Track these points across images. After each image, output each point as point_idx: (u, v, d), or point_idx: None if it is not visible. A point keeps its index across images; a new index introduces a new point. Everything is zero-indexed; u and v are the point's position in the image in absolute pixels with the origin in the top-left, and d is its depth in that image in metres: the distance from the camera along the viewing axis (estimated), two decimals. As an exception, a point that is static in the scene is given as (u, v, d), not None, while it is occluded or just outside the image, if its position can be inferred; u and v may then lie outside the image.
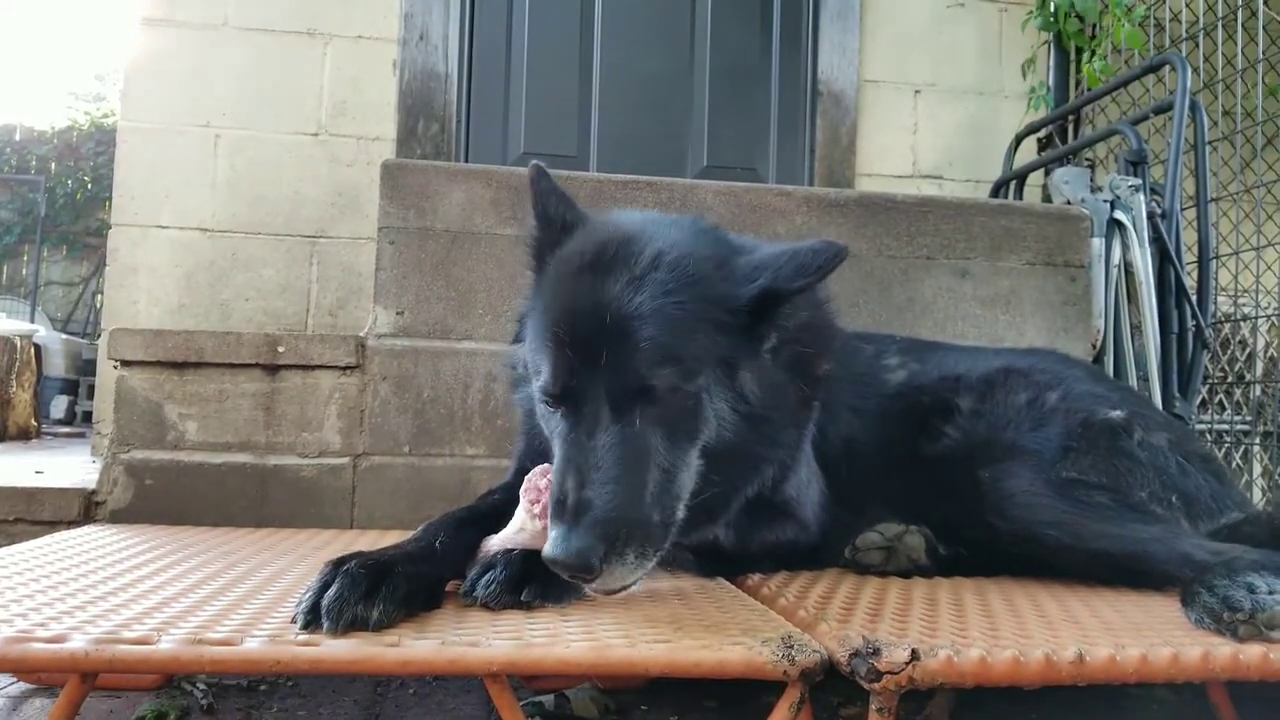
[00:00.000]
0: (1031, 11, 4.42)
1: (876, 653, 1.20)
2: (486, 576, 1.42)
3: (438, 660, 1.19)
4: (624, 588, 1.39)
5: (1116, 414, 1.87)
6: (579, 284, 1.53)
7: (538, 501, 1.52)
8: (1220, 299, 3.70)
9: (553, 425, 1.52)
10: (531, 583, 1.43)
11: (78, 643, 1.17)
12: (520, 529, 1.53)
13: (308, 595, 1.28)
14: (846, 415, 1.98)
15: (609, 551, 1.32)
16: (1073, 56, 4.50)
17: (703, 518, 1.61)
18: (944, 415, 1.95)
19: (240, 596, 1.48)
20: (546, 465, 1.56)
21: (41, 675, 1.85)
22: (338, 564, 1.32)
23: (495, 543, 1.55)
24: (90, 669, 1.18)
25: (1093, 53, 4.24)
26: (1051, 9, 4.31)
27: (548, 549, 1.33)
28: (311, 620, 1.25)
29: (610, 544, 1.33)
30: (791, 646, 1.24)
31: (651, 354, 1.44)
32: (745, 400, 1.56)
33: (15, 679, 1.90)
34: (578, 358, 1.46)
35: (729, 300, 1.54)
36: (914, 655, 1.19)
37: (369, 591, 1.27)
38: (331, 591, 1.26)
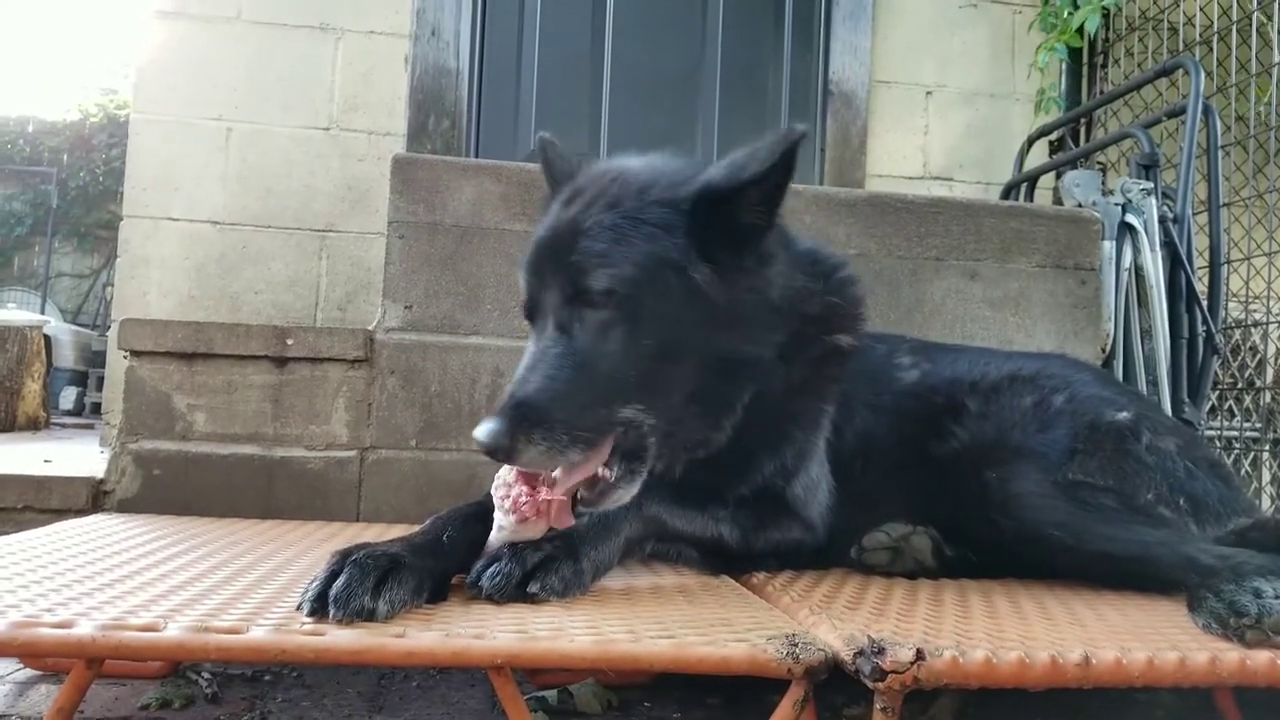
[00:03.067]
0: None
1: (881, 652, 1.20)
2: (492, 569, 1.43)
3: (442, 652, 1.20)
4: (600, 502, 1.50)
5: (1124, 416, 1.87)
6: (548, 217, 1.69)
7: (507, 497, 1.52)
8: (1231, 304, 3.69)
9: None
10: (537, 576, 1.43)
11: (84, 628, 1.17)
12: (499, 528, 1.54)
13: (315, 584, 1.28)
14: (863, 412, 1.99)
15: (516, 432, 1.41)
16: (1085, 59, 4.49)
17: (692, 424, 1.64)
18: (954, 416, 1.95)
19: (246, 586, 1.48)
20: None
21: (48, 661, 1.86)
22: (345, 555, 1.33)
23: (493, 541, 1.55)
24: (97, 655, 1.19)
25: (1105, 54, 4.23)
26: (1052, 12, 4.30)
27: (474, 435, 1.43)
28: (318, 608, 1.25)
29: (519, 426, 1.42)
30: (796, 644, 1.23)
31: (584, 262, 1.54)
32: (706, 304, 1.58)
33: (21, 665, 1.91)
34: (537, 279, 1.61)
35: (671, 202, 1.60)
36: (919, 655, 1.19)
37: (376, 583, 1.28)
38: (339, 582, 1.26)
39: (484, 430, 1.42)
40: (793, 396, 1.78)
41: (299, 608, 1.29)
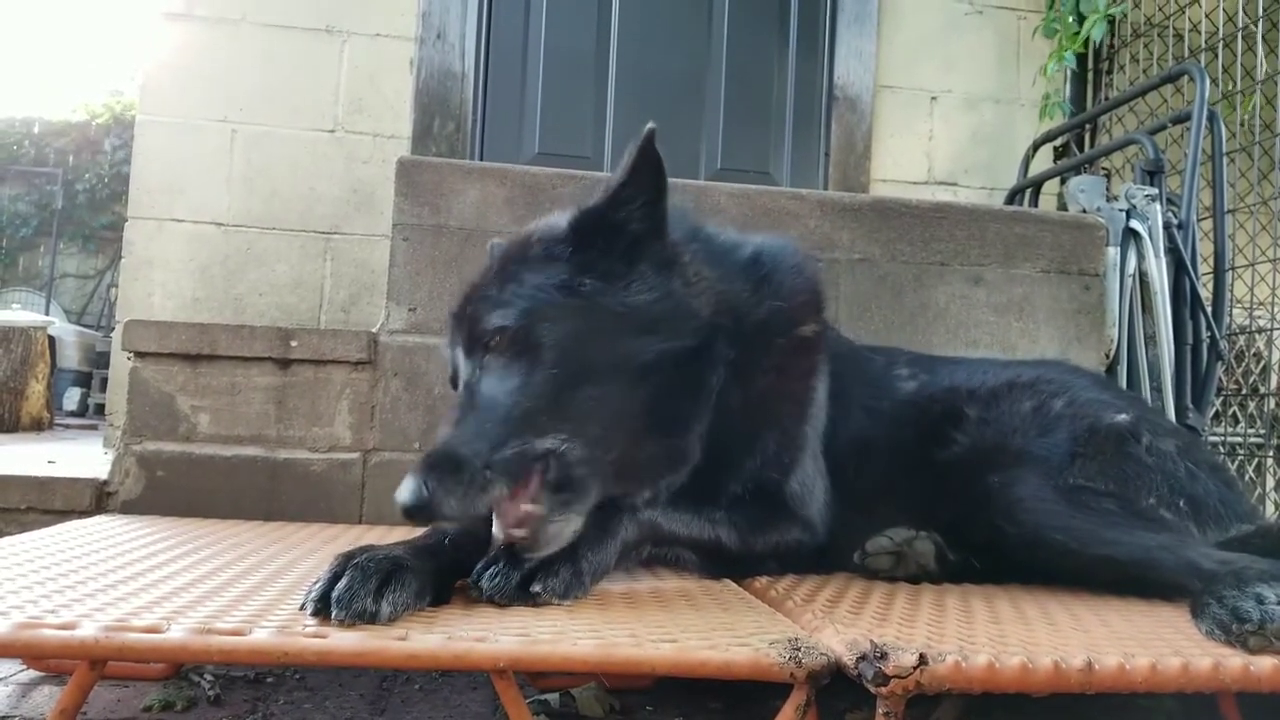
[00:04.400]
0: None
1: (884, 657, 1.19)
2: (491, 570, 1.43)
3: (444, 654, 1.20)
4: (538, 545, 1.45)
5: (1123, 418, 1.87)
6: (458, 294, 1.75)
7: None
8: (1235, 311, 3.68)
9: None
10: (538, 577, 1.43)
11: (87, 629, 1.18)
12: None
13: (318, 586, 1.28)
14: (859, 415, 1.99)
15: (431, 482, 1.37)
16: (1090, 65, 4.49)
17: (643, 445, 1.61)
18: (954, 423, 1.95)
19: (249, 588, 1.48)
20: None
21: (50, 662, 1.86)
22: (349, 557, 1.33)
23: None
24: (100, 656, 1.19)
25: (1110, 61, 4.23)
26: (1056, 19, 4.30)
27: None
28: (321, 610, 1.25)
29: (431, 475, 1.37)
30: (798, 649, 1.23)
31: (476, 311, 1.59)
32: (602, 310, 1.59)
33: (24, 666, 1.91)
34: (451, 349, 1.67)
35: (551, 237, 1.67)
36: (922, 660, 1.18)
37: (379, 586, 1.27)
38: (342, 584, 1.26)
39: (404, 491, 1.37)
40: (765, 398, 1.79)
41: (302, 608, 1.29)
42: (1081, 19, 4.20)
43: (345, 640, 1.19)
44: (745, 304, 1.77)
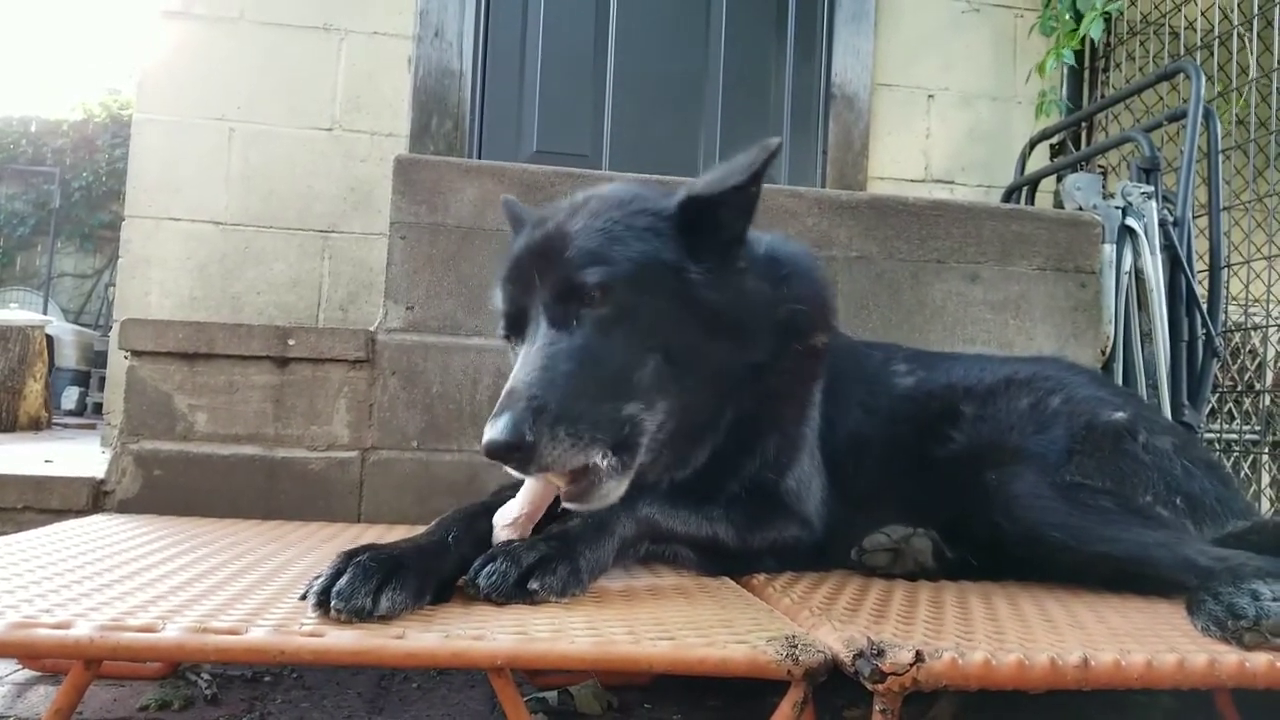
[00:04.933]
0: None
1: (881, 654, 1.20)
2: (489, 568, 1.43)
3: (442, 652, 1.20)
4: (590, 497, 1.45)
5: (1120, 416, 1.87)
6: (519, 239, 1.71)
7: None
8: (1231, 308, 3.69)
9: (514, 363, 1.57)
10: (536, 574, 1.43)
11: (83, 629, 1.18)
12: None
13: (320, 581, 1.28)
14: (857, 412, 1.99)
15: (539, 428, 1.35)
16: (1086, 63, 4.49)
17: (687, 429, 1.64)
18: (951, 420, 1.95)
19: (246, 587, 1.48)
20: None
21: (46, 662, 1.86)
22: (350, 555, 1.33)
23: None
24: (95, 655, 1.19)
25: (1106, 59, 4.23)
26: (1052, 16, 4.30)
27: (484, 440, 1.36)
28: (321, 604, 1.25)
29: (539, 421, 1.36)
30: (795, 646, 1.23)
31: (577, 259, 1.53)
32: (701, 303, 1.59)
33: (19, 666, 1.91)
34: (520, 287, 1.59)
35: (657, 210, 1.63)
36: (918, 657, 1.19)
37: (379, 584, 1.28)
38: (343, 580, 1.26)
39: (499, 427, 1.35)
40: (773, 400, 1.80)
41: (303, 598, 1.29)
42: (1079, 16, 4.20)
43: (343, 639, 1.19)
44: (770, 304, 1.77)
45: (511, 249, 1.71)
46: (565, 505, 1.48)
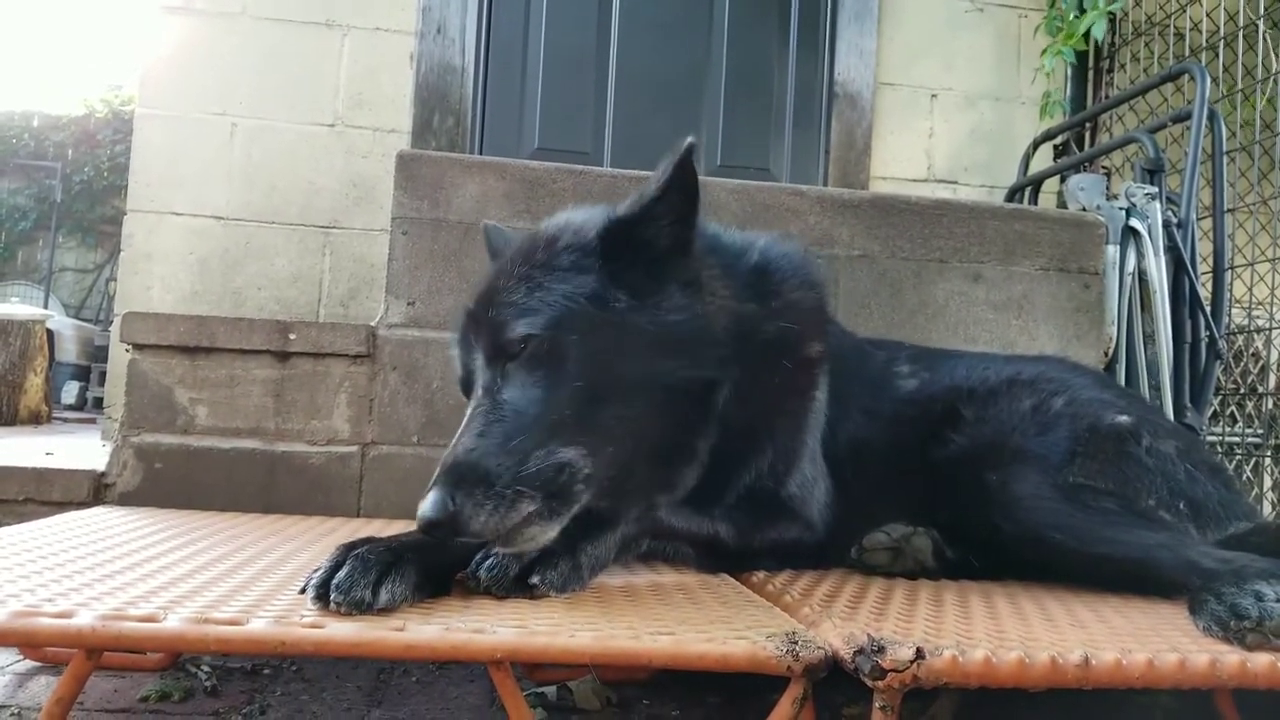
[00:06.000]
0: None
1: (881, 650, 1.19)
2: (489, 561, 1.43)
3: (442, 645, 1.19)
4: (515, 541, 1.40)
5: (1124, 419, 1.86)
6: (472, 290, 1.69)
7: None
8: (1234, 310, 3.68)
9: None
10: (537, 569, 1.43)
11: (84, 618, 1.17)
12: None
13: (319, 573, 1.28)
14: (858, 416, 1.98)
15: (459, 496, 1.34)
16: (1091, 64, 4.49)
17: (652, 459, 1.60)
18: (953, 424, 1.95)
19: (247, 579, 1.48)
20: None
21: (47, 652, 1.86)
22: (349, 548, 1.33)
23: None
24: (96, 645, 1.19)
25: (1111, 59, 4.23)
26: (1057, 16, 4.30)
27: (417, 517, 1.35)
28: (321, 596, 1.25)
29: (459, 489, 1.34)
30: (796, 642, 1.23)
31: (499, 317, 1.53)
32: (632, 332, 1.55)
33: (20, 657, 1.91)
34: (466, 349, 1.60)
35: (580, 245, 1.60)
36: (919, 654, 1.18)
37: (378, 577, 1.28)
38: (343, 572, 1.26)
39: (426, 504, 1.34)
40: (765, 415, 1.78)
41: (302, 591, 1.29)
42: (1084, 14, 4.19)
43: (343, 631, 1.19)
44: (754, 321, 1.74)
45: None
46: (496, 548, 1.43)
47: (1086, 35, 4.18)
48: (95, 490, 2.45)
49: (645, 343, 1.56)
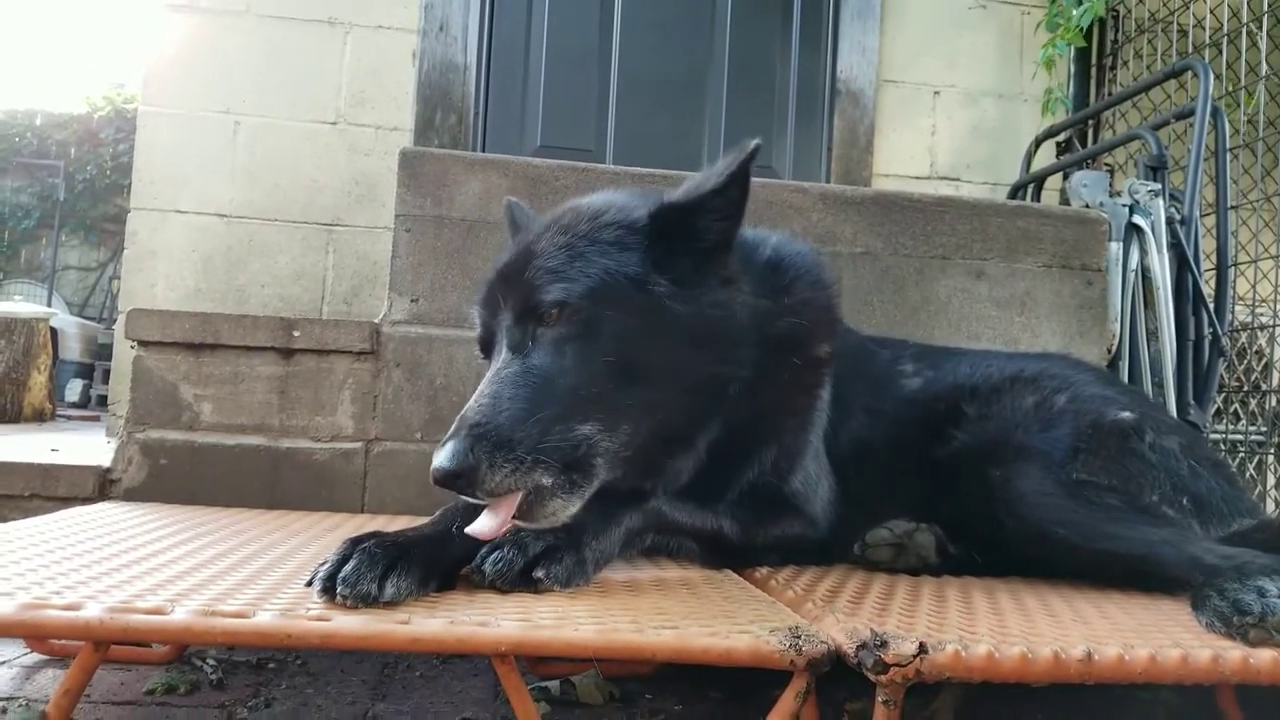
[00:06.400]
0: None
1: (884, 645, 1.20)
2: (495, 555, 1.43)
3: (447, 638, 1.20)
4: (537, 516, 1.41)
5: (1127, 415, 1.86)
6: (501, 256, 1.71)
7: None
8: (1238, 307, 3.68)
9: None
10: (542, 564, 1.44)
11: (92, 610, 1.18)
12: None
13: (325, 567, 1.29)
14: (861, 415, 1.99)
15: (478, 455, 1.35)
16: (1093, 61, 4.48)
17: (660, 445, 1.60)
18: (956, 420, 1.95)
19: (253, 573, 1.49)
20: None
21: (54, 645, 1.87)
22: (355, 542, 1.33)
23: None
24: (104, 637, 1.19)
25: (1114, 56, 4.23)
26: (1059, 12, 4.30)
27: (431, 468, 1.36)
28: (327, 589, 1.26)
29: (479, 448, 1.36)
30: (799, 637, 1.24)
31: (536, 279, 1.53)
32: (669, 317, 1.56)
33: (28, 650, 1.92)
34: (490, 309, 1.60)
35: (626, 223, 1.60)
36: (922, 649, 1.19)
37: (384, 571, 1.28)
38: (349, 567, 1.27)
39: (443, 455, 1.35)
40: (770, 413, 1.78)
41: (309, 584, 1.30)
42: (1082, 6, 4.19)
43: (349, 624, 1.20)
44: (768, 318, 1.74)
45: (491, 269, 1.70)
46: (515, 521, 1.43)
47: (1087, 33, 4.18)
48: (100, 486, 2.46)
49: (680, 331, 1.57)
